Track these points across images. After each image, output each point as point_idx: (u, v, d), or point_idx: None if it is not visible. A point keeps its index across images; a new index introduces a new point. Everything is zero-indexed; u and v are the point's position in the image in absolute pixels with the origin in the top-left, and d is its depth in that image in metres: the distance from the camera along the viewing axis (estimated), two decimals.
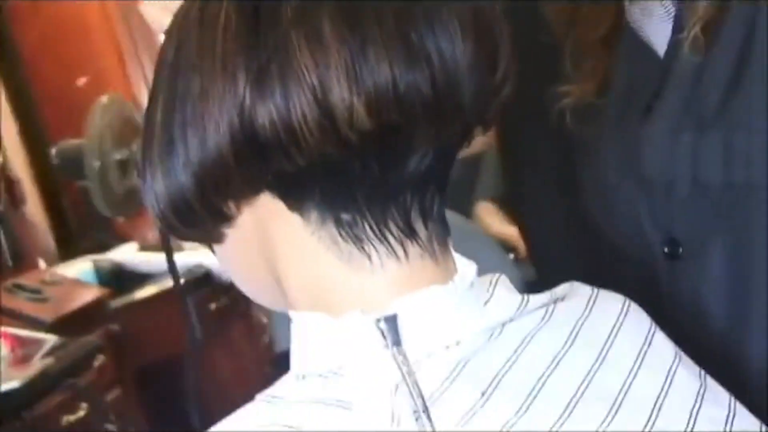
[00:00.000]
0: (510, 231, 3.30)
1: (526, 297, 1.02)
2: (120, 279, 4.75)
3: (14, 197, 4.52)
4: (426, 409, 0.89)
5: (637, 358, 1.03)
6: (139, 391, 4.21)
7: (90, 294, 4.39)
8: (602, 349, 1.02)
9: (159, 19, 1.13)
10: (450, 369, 0.94)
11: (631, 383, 1.00)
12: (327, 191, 0.95)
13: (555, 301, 1.04)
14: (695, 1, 1.27)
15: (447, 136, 0.98)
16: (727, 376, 1.05)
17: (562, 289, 1.07)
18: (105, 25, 5.36)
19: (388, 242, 0.96)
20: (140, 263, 4.87)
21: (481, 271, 1.04)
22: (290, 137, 0.90)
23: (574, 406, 0.95)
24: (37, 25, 5.28)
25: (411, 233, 0.97)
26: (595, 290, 1.08)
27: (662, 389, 1.01)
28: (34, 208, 4.86)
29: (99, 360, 3.85)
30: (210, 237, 1.04)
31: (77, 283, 4.51)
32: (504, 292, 1.01)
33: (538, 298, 1.03)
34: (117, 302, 4.49)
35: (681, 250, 1.31)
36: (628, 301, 1.08)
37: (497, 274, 1.05)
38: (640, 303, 1.08)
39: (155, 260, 4.89)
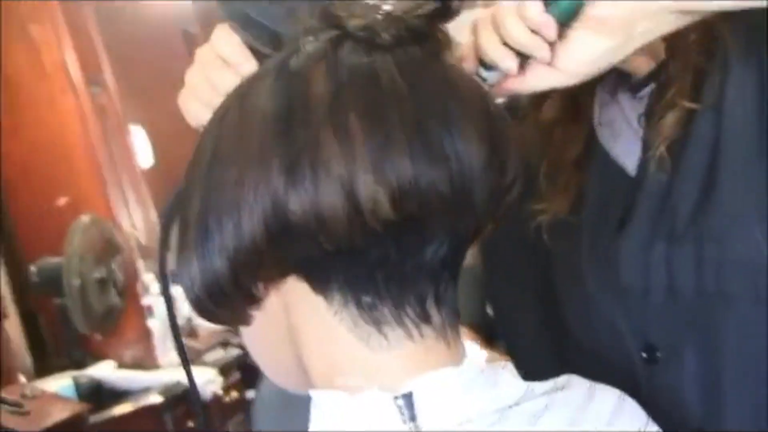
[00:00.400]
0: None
1: (530, 384, 1.05)
2: (99, 395, 4.69)
3: None
4: None
5: None
6: None
7: (70, 408, 4.28)
8: None
9: (198, 115, 1.19)
10: None
11: None
12: (350, 275, 1.00)
13: (556, 390, 1.06)
14: (659, 121, 1.34)
15: (461, 230, 1.02)
16: None
17: (562, 380, 1.09)
18: (86, 146, 5.32)
19: (405, 325, 1.00)
20: (118, 380, 4.83)
21: None
22: (319, 224, 0.95)
23: None
24: (17, 146, 5.20)
25: (426, 317, 1.01)
26: (592, 383, 1.11)
27: None
28: (12, 324, 4.78)
29: None
30: (239, 319, 1.08)
31: (57, 398, 4.41)
32: (510, 378, 1.04)
33: (540, 386, 1.06)
34: (96, 417, 4.43)
35: (658, 354, 1.36)
36: (623, 395, 1.12)
37: (504, 362, 1.08)
38: None
39: (133, 378, 4.91)
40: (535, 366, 1.22)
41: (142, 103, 5.87)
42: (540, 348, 1.39)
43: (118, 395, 4.77)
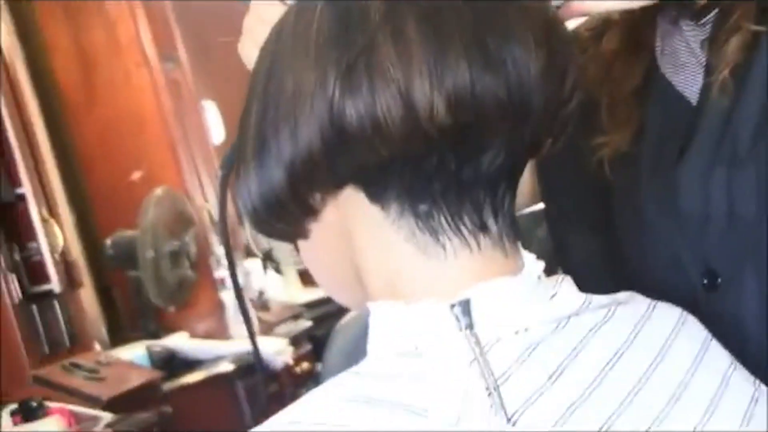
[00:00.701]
0: None
1: (589, 296, 1.05)
2: (172, 364, 4.74)
3: (72, 280, 4.44)
4: (497, 387, 0.94)
5: (695, 360, 1.07)
6: None
7: (144, 376, 4.41)
8: (662, 349, 1.05)
9: (251, 55, 1.17)
10: (519, 353, 0.98)
11: (689, 381, 1.04)
12: (406, 183, 0.99)
13: (617, 304, 1.06)
14: (723, 46, 1.31)
15: (518, 140, 1.01)
16: None
17: (623, 295, 1.09)
18: (160, 121, 5.42)
19: (462, 234, 1.00)
20: (191, 350, 4.88)
21: None
22: (375, 130, 0.94)
23: (634, 396, 0.99)
24: (92, 121, 5.37)
25: (483, 227, 1.01)
26: (654, 301, 1.11)
27: (718, 389, 1.05)
28: (87, 294, 4.82)
29: None
30: (296, 233, 1.08)
31: (131, 366, 4.52)
32: (569, 289, 1.04)
33: (600, 299, 1.06)
34: (169, 385, 4.53)
35: (719, 280, 1.33)
36: (685, 312, 1.11)
37: (563, 275, 1.07)
38: None
39: (205, 347, 4.98)
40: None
41: (215, 78, 5.93)
42: (599, 280, 1.27)
43: (191, 364, 4.81)
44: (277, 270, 5.60)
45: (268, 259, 5.78)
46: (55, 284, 4.22)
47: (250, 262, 5.59)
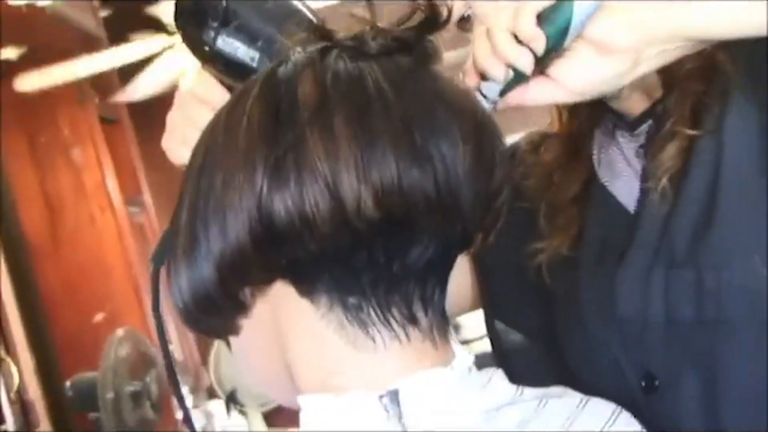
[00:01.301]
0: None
1: (521, 387, 1.06)
2: None
3: (29, 420, 4.36)
4: None
5: None
6: None
7: None
8: None
9: (180, 153, 1.23)
10: None
11: None
12: (336, 277, 1.00)
13: (549, 397, 1.07)
14: (659, 153, 1.34)
15: (448, 234, 1.02)
16: None
17: (556, 389, 1.10)
18: (124, 264, 5.53)
19: (391, 327, 1.01)
20: None
21: None
22: (304, 224, 0.95)
23: None
24: (56, 265, 5.39)
25: (413, 319, 1.01)
26: (588, 396, 1.11)
27: None
28: None
29: None
30: (227, 329, 1.08)
31: None
32: (500, 381, 1.05)
33: (533, 391, 1.07)
34: None
35: (656, 383, 1.34)
36: (619, 407, 1.11)
37: (495, 368, 1.08)
38: None
39: None
40: None
41: None
42: (537, 379, 1.26)
43: None
44: (242, 412, 5.61)
45: (231, 400, 5.71)
46: (9, 426, 4.11)
47: (214, 403, 5.59)
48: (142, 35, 5.14)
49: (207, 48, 1.24)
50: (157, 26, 5.04)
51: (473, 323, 1.66)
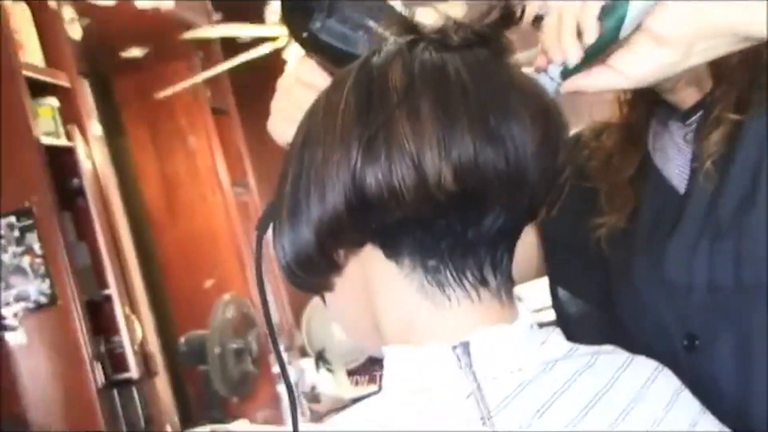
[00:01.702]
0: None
1: (576, 345, 1.08)
2: None
3: (149, 370, 4.48)
4: (490, 417, 0.97)
5: (667, 405, 1.08)
6: None
7: None
8: (637, 394, 1.06)
9: (286, 134, 1.20)
10: (512, 389, 1.00)
11: (661, 420, 1.06)
12: (418, 242, 1.01)
13: (600, 353, 1.08)
14: (705, 140, 1.33)
15: (516, 205, 1.03)
16: None
17: (606, 347, 1.11)
18: (230, 237, 5.58)
19: (464, 287, 1.02)
20: None
21: None
22: (391, 195, 0.97)
23: None
24: (173, 236, 5.58)
25: (483, 281, 1.03)
26: (633, 354, 1.12)
27: (687, 429, 1.07)
28: (162, 383, 4.84)
29: None
30: (323, 286, 1.11)
31: None
32: (558, 338, 1.07)
33: (585, 348, 1.08)
34: None
35: (697, 342, 1.33)
36: (661, 365, 1.12)
37: (554, 326, 1.10)
38: None
39: None
40: None
41: None
42: (592, 338, 1.22)
43: None
44: (329, 369, 5.59)
45: (320, 359, 5.74)
46: (133, 373, 4.28)
47: (305, 361, 5.63)
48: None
49: (312, 38, 1.25)
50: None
51: (539, 295, 1.63)
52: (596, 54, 1.19)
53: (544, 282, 1.62)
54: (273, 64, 4.79)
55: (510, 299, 1.05)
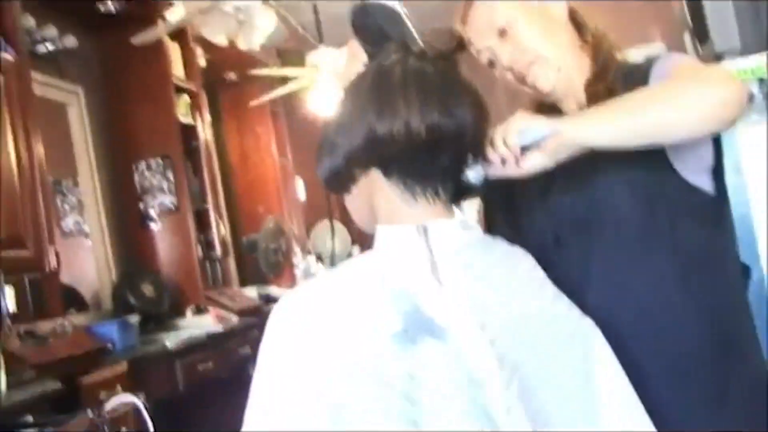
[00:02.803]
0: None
1: (486, 235, 1.02)
2: (267, 299, 4.67)
3: (226, 252, 4.55)
4: (436, 268, 0.93)
5: (531, 267, 1.03)
6: None
7: (254, 302, 4.49)
8: (516, 261, 1.02)
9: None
10: (450, 254, 0.95)
11: (527, 277, 1.01)
12: (403, 168, 0.96)
13: (497, 240, 1.03)
14: None
15: (458, 151, 0.98)
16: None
17: (499, 238, 1.05)
18: (275, 184, 5.60)
19: (425, 196, 0.97)
20: (278, 292, 4.79)
21: None
22: (390, 139, 0.93)
23: (504, 282, 0.97)
24: (244, 180, 5.53)
25: (436, 193, 0.98)
26: (513, 245, 1.06)
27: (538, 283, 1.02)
28: (231, 261, 4.84)
29: None
30: (345, 189, 1.03)
31: (249, 297, 4.52)
32: (477, 228, 1.01)
33: (489, 236, 1.03)
34: (268, 308, 4.05)
35: (561, 241, 1.20)
36: (526, 252, 1.06)
37: (476, 224, 1.03)
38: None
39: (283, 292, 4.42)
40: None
41: (302, 167, 6.00)
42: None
43: (275, 300, 4.32)
44: (323, 264, 5.62)
45: (318, 258, 5.64)
46: (218, 253, 4.44)
47: (311, 257, 5.61)
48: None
49: (365, 31, 1.09)
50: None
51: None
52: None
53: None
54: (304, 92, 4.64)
55: (450, 206, 1.00)
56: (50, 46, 3.58)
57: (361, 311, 0.89)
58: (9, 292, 2.54)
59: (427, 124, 0.93)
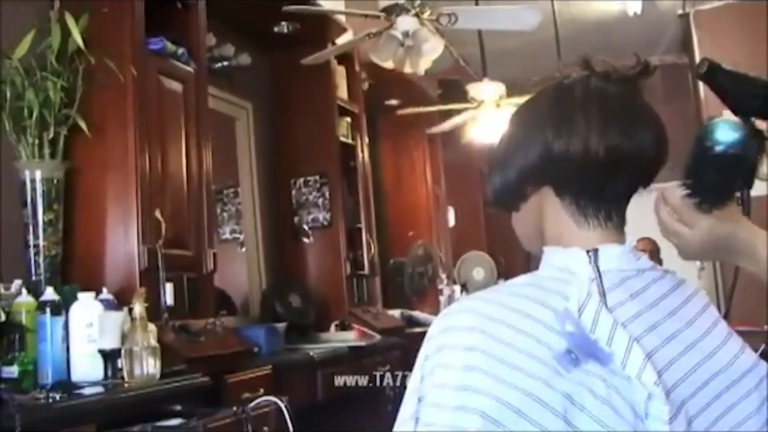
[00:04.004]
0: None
1: (655, 264, 0.98)
2: (410, 321, 4.80)
3: (373, 271, 4.56)
4: (605, 294, 0.91)
5: (701, 308, 0.98)
6: None
7: (395, 322, 4.52)
8: (686, 298, 0.96)
9: None
10: (619, 280, 0.93)
11: (696, 318, 0.96)
12: (577, 188, 0.95)
13: (667, 272, 0.99)
14: None
15: (635, 176, 0.95)
16: None
17: (670, 270, 1.00)
18: (427, 211, 5.74)
19: (598, 218, 0.95)
20: (421, 316, 4.90)
21: None
22: (567, 158, 0.92)
23: (672, 315, 0.93)
24: (397, 203, 5.75)
25: (609, 217, 0.95)
26: (683, 279, 1.00)
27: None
28: (376, 281, 4.73)
29: None
30: (514, 208, 1.01)
31: (392, 317, 4.62)
32: (645, 258, 0.97)
33: (659, 267, 0.98)
34: (407, 330, 4.48)
35: None
36: (696, 288, 1.00)
37: (644, 252, 0.99)
38: None
39: (427, 316, 4.87)
40: None
41: (454, 196, 6.12)
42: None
43: (420, 323, 4.75)
44: (467, 292, 5.62)
45: (464, 287, 5.76)
46: (366, 271, 4.43)
47: (456, 287, 5.76)
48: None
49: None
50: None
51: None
52: None
53: None
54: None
55: (622, 231, 0.98)
56: (225, 63, 3.80)
57: (524, 328, 0.87)
58: (169, 288, 2.68)
59: (606, 144, 0.91)
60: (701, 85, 5.54)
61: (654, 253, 3.43)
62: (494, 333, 0.87)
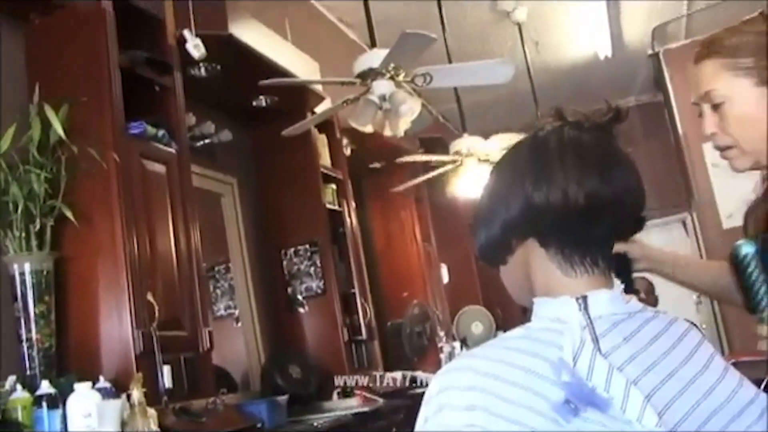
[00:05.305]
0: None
1: (645, 305, 0.99)
2: (413, 381, 4.59)
3: (371, 335, 4.52)
4: (597, 340, 0.91)
5: (696, 345, 0.98)
6: None
7: (399, 384, 4.42)
8: (680, 337, 0.98)
9: None
10: (610, 325, 0.93)
11: (691, 356, 0.96)
12: (560, 238, 0.95)
13: (658, 312, 1.00)
14: None
15: (617, 220, 0.95)
16: None
17: (660, 310, 1.01)
18: (419, 269, 5.69)
19: (585, 266, 0.95)
20: (422, 376, 4.71)
21: None
22: (548, 208, 0.92)
23: (667, 355, 0.94)
24: (388, 263, 5.62)
25: (595, 263, 0.95)
26: (675, 316, 1.01)
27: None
28: (376, 345, 4.75)
29: None
30: (500, 261, 1.01)
31: (394, 379, 4.45)
32: (635, 301, 0.98)
33: (650, 309, 0.99)
34: (412, 391, 4.38)
35: None
36: (690, 323, 1.03)
37: (631, 296, 1.00)
38: None
39: (429, 376, 4.58)
40: None
41: (446, 254, 6.09)
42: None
43: (421, 382, 4.58)
44: (467, 347, 5.49)
45: (463, 343, 5.70)
46: (363, 336, 4.45)
47: (455, 343, 5.66)
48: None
49: None
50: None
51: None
52: None
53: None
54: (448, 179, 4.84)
55: (610, 275, 0.98)
56: (207, 140, 3.83)
57: (522, 382, 0.87)
58: (166, 370, 2.66)
59: (585, 191, 0.92)
60: (678, 119, 5.75)
61: (649, 292, 3.45)
62: (492, 390, 0.86)
